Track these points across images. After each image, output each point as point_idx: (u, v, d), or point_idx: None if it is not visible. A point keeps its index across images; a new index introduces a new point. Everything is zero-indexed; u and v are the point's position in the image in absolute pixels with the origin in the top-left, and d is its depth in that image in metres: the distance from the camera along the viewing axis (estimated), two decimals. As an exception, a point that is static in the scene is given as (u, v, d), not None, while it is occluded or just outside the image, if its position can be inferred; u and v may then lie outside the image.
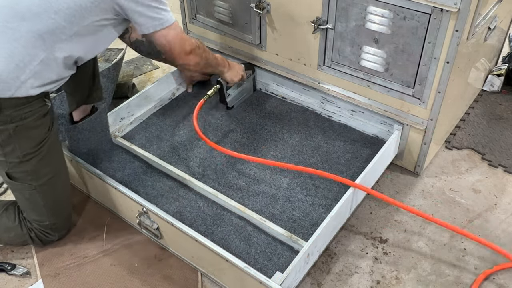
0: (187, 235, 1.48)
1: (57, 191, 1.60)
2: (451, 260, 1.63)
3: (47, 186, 1.55)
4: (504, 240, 1.69)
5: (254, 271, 1.36)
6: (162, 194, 1.77)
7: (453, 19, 1.50)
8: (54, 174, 1.56)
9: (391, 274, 1.60)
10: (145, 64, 2.68)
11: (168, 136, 2.03)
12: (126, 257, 1.65)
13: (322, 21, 1.80)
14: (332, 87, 1.97)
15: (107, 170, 1.84)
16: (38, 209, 1.59)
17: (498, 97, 2.34)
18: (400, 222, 1.76)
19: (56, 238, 1.69)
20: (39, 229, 1.62)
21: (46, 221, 1.61)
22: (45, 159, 1.51)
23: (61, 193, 1.62)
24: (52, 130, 1.52)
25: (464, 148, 2.07)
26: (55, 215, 1.62)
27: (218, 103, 2.18)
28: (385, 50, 1.70)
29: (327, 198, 1.74)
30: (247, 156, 1.82)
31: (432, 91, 1.68)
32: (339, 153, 1.93)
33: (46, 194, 1.56)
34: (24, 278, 1.61)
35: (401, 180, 1.93)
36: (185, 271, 1.60)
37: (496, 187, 1.90)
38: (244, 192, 1.77)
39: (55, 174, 1.56)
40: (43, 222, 1.61)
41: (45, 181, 1.54)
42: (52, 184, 1.56)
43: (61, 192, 1.62)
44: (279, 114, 2.13)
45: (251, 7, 1.96)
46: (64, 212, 1.67)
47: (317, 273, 1.60)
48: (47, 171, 1.53)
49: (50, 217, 1.61)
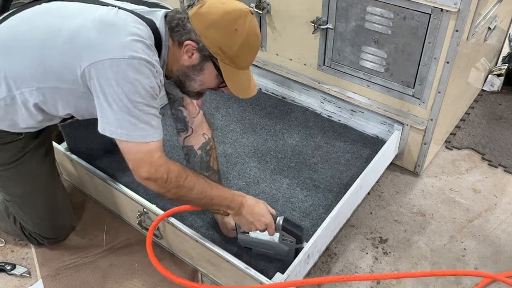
0: (187, 235, 1.48)
1: (35, 210, 1.56)
2: (451, 260, 1.63)
3: (21, 204, 1.54)
4: (504, 240, 1.70)
5: (254, 271, 1.36)
6: (162, 194, 1.76)
7: (453, 19, 1.50)
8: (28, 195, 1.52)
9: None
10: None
11: (168, 136, 2.03)
12: (126, 257, 1.65)
13: (322, 21, 1.80)
14: (332, 87, 1.97)
15: (107, 170, 1.83)
16: (20, 218, 1.60)
17: (498, 97, 2.34)
18: (400, 222, 1.76)
19: (47, 244, 1.67)
20: (30, 232, 1.63)
21: (33, 230, 1.62)
22: (12, 180, 1.48)
23: (41, 212, 1.57)
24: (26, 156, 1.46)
25: (464, 148, 2.07)
26: (38, 227, 1.61)
27: (219, 103, 2.18)
28: (385, 50, 1.70)
29: (327, 198, 1.74)
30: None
31: (432, 91, 1.68)
32: (339, 153, 1.92)
33: (23, 209, 1.55)
34: (24, 278, 1.61)
35: (401, 180, 1.93)
36: (185, 271, 1.60)
37: (496, 187, 1.90)
38: (244, 192, 1.76)
39: (29, 195, 1.53)
40: (30, 229, 1.62)
41: (18, 200, 1.53)
42: (26, 203, 1.54)
43: (41, 212, 1.57)
44: (279, 114, 2.13)
45: (251, 7, 1.96)
46: (51, 225, 1.63)
47: (317, 274, 1.60)
48: (19, 192, 1.51)
49: (34, 228, 1.61)
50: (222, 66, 1.28)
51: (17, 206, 1.56)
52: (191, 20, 1.25)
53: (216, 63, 1.29)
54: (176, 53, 1.31)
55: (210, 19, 1.24)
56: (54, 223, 1.64)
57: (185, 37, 1.27)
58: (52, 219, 1.62)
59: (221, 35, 1.25)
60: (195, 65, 1.31)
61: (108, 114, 1.20)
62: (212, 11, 1.25)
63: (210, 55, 1.27)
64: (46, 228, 1.62)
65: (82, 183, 1.86)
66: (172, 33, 1.29)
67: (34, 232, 1.62)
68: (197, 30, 1.25)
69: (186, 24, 1.26)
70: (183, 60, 1.30)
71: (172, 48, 1.31)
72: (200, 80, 1.34)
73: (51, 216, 1.61)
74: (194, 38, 1.26)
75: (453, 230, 1.74)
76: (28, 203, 1.55)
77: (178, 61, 1.32)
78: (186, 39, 1.27)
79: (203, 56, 1.28)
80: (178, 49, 1.30)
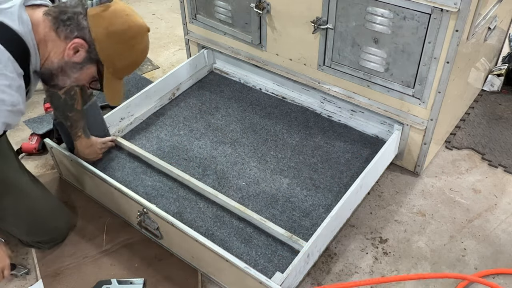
0: (188, 235, 1.48)
1: (21, 219, 1.55)
2: (451, 260, 1.63)
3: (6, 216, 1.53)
4: (504, 240, 1.70)
5: (254, 271, 1.36)
6: (162, 194, 1.77)
7: (453, 19, 1.50)
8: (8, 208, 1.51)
9: (391, 274, 1.60)
10: (145, 64, 2.68)
11: (168, 136, 2.03)
12: (126, 257, 1.65)
13: (322, 21, 1.80)
14: (332, 87, 1.97)
15: (107, 170, 1.83)
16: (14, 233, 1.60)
17: (498, 97, 2.34)
18: (400, 222, 1.76)
19: (47, 248, 1.67)
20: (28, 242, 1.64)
21: (26, 240, 1.62)
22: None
23: (29, 219, 1.56)
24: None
25: (464, 148, 2.07)
26: (32, 235, 1.60)
27: (219, 103, 2.19)
28: (385, 50, 1.70)
29: (327, 198, 1.74)
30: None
31: (432, 91, 1.68)
32: (339, 153, 1.93)
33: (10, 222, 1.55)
34: (24, 278, 1.61)
35: (401, 180, 1.93)
36: (185, 271, 1.60)
37: (496, 187, 1.89)
38: (244, 192, 1.77)
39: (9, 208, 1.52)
40: (24, 239, 1.62)
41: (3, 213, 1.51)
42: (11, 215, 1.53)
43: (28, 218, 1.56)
44: (279, 114, 2.13)
45: (251, 7, 1.96)
46: (46, 229, 1.62)
47: (317, 273, 1.60)
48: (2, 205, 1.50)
49: (27, 237, 1.61)
50: (106, 74, 1.29)
51: (4, 221, 1.55)
52: (90, 20, 1.22)
53: (100, 68, 1.29)
54: (56, 45, 1.24)
55: (112, 29, 1.23)
56: (48, 226, 1.63)
57: (77, 33, 1.23)
58: (44, 222, 1.61)
59: (117, 48, 1.26)
60: (76, 63, 1.27)
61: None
62: (116, 20, 1.24)
63: (98, 60, 1.27)
64: (41, 233, 1.62)
65: (82, 183, 1.86)
66: (59, 25, 1.22)
67: (31, 241, 1.63)
68: (94, 32, 1.23)
69: (82, 21, 1.22)
70: (65, 54, 1.25)
71: (51, 40, 1.24)
72: (75, 78, 1.31)
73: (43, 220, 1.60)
74: (87, 38, 1.23)
75: (453, 230, 1.74)
76: (13, 214, 1.54)
77: (57, 54, 1.26)
78: (77, 37, 1.23)
79: (89, 57, 1.26)
80: (60, 41, 1.24)
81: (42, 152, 2.08)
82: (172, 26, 3.08)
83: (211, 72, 2.40)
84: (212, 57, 2.39)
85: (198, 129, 2.06)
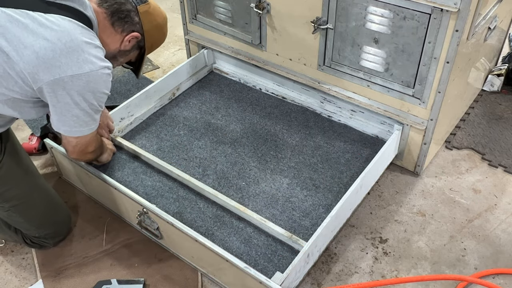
0: (187, 235, 1.48)
1: (36, 208, 1.57)
2: (451, 260, 1.63)
3: (21, 206, 1.54)
4: (504, 240, 1.70)
5: (254, 271, 1.36)
6: (162, 194, 1.77)
7: (453, 19, 1.50)
8: (25, 195, 1.53)
9: (391, 274, 1.60)
10: (145, 64, 2.68)
11: (168, 136, 2.03)
12: (126, 257, 1.65)
13: (322, 21, 1.80)
14: (332, 87, 1.97)
15: (107, 170, 1.83)
16: (21, 225, 1.60)
17: (498, 97, 2.34)
18: (400, 222, 1.76)
19: (52, 245, 1.68)
20: (32, 238, 1.63)
21: (36, 233, 1.62)
22: (5, 184, 1.47)
23: (41, 208, 1.59)
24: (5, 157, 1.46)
25: (464, 148, 2.07)
26: (42, 227, 1.61)
27: (219, 103, 2.19)
28: (385, 50, 1.70)
29: (327, 198, 1.74)
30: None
31: (432, 91, 1.68)
32: (339, 153, 1.93)
33: (23, 213, 1.55)
34: (24, 278, 1.61)
35: (401, 180, 1.93)
36: (185, 271, 1.60)
37: (496, 187, 1.90)
38: (244, 192, 1.77)
39: (26, 195, 1.53)
40: (32, 234, 1.62)
41: (17, 202, 1.52)
42: (26, 203, 1.54)
43: (41, 207, 1.58)
44: (279, 114, 2.13)
45: (251, 7, 1.96)
46: (53, 222, 1.64)
47: (317, 273, 1.60)
48: (14, 194, 1.50)
49: (37, 230, 1.61)
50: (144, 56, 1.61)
51: (18, 212, 1.55)
52: (142, 16, 1.49)
53: (142, 52, 1.59)
54: (111, 37, 1.48)
55: (156, 21, 1.55)
56: (55, 219, 1.65)
57: (134, 28, 1.50)
58: (53, 214, 1.64)
59: (158, 36, 1.60)
60: (127, 50, 1.55)
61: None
62: (158, 15, 1.56)
63: (142, 47, 1.57)
64: (49, 225, 1.63)
65: (82, 183, 1.86)
66: (115, 20, 1.46)
67: (36, 236, 1.63)
68: (145, 26, 1.51)
69: (134, 17, 1.49)
70: (122, 45, 1.51)
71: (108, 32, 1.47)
72: (121, 62, 1.60)
73: (52, 212, 1.63)
74: (140, 31, 1.52)
75: (453, 230, 1.74)
76: (27, 203, 1.54)
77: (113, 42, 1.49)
78: (133, 31, 1.50)
79: (137, 46, 1.56)
80: (116, 34, 1.48)
81: (42, 152, 2.08)
82: (172, 26, 3.08)
83: (211, 72, 2.41)
84: (212, 57, 2.39)
85: (198, 129, 2.06)
